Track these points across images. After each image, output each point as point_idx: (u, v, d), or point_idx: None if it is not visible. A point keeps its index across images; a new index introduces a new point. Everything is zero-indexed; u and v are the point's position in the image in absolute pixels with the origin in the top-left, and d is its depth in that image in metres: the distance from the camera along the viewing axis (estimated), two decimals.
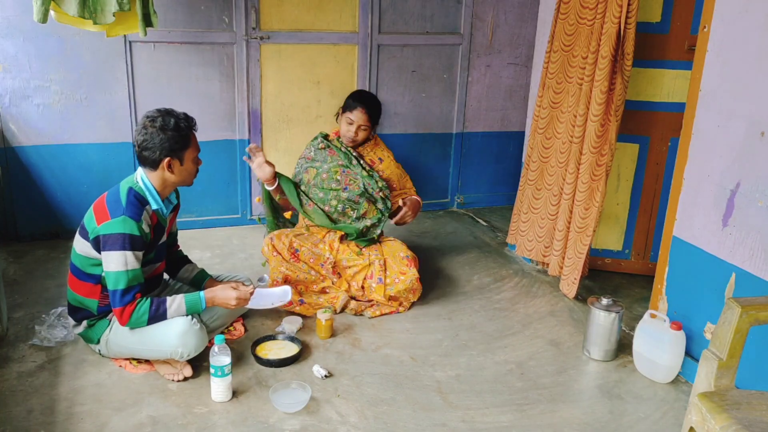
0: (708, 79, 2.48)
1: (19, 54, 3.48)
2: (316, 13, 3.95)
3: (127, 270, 2.31)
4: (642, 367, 2.66)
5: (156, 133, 2.36)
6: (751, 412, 1.69)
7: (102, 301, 2.48)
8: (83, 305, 2.50)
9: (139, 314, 2.34)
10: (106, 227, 2.32)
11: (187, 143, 2.42)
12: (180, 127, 2.39)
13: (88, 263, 2.43)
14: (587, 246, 3.12)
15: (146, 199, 2.43)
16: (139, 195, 2.41)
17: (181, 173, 2.46)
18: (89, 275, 2.44)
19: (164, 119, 2.37)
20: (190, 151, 2.45)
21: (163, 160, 2.39)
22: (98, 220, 2.35)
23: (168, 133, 2.37)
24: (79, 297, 2.49)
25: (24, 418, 2.23)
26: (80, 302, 2.50)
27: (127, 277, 2.31)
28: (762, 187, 2.27)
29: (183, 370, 2.47)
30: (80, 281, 2.47)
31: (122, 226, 2.31)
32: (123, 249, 2.30)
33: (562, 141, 3.26)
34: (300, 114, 4.11)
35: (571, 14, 3.14)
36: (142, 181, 2.44)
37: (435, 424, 2.30)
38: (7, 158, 3.60)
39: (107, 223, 2.32)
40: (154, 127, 2.36)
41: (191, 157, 2.47)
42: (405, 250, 3.14)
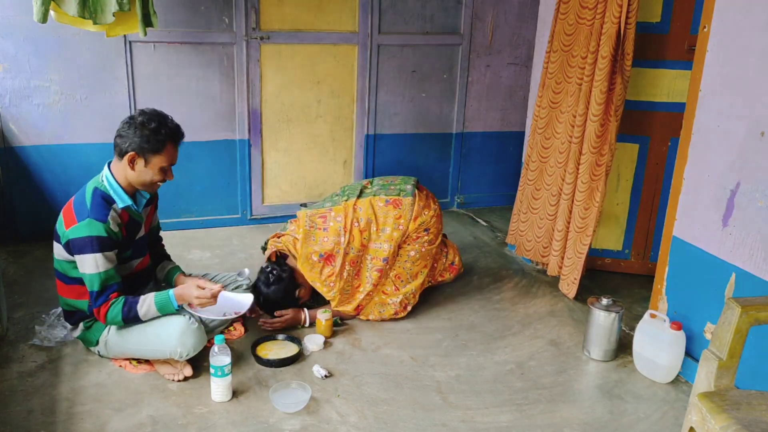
0: (708, 79, 2.48)
1: (19, 54, 3.48)
2: (316, 13, 3.95)
3: (99, 272, 2.31)
4: (642, 367, 2.66)
5: (136, 126, 2.35)
6: (751, 412, 1.69)
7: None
8: (75, 307, 2.51)
9: (113, 314, 2.35)
10: (74, 231, 2.32)
11: (158, 148, 2.37)
12: (159, 132, 2.36)
13: (68, 267, 2.44)
14: (587, 246, 3.12)
15: (112, 198, 2.41)
16: (105, 194, 2.40)
17: (141, 174, 2.40)
18: (72, 278, 2.45)
19: (149, 118, 2.37)
20: (159, 158, 2.38)
21: (128, 153, 2.36)
22: (66, 224, 2.36)
23: (144, 131, 2.35)
24: (69, 301, 2.50)
25: (24, 418, 2.23)
26: (72, 305, 2.50)
27: (101, 278, 2.32)
28: (762, 187, 2.27)
29: (183, 370, 2.47)
30: (67, 285, 2.48)
31: (88, 229, 2.30)
32: (92, 252, 2.30)
33: (561, 141, 3.26)
34: (300, 114, 4.11)
35: (571, 14, 3.14)
36: (106, 179, 2.42)
37: (435, 424, 2.30)
38: (7, 158, 3.60)
39: (74, 227, 2.32)
40: (136, 122, 2.36)
41: (159, 164, 2.40)
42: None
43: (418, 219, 2.94)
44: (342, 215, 2.91)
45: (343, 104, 4.19)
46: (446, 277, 3.28)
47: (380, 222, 2.91)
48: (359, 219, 2.91)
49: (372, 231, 2.91)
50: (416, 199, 2.96)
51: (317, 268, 2.87)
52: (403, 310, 3.00)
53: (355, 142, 4.28)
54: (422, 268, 3.02)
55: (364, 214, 2.91)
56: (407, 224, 2.93)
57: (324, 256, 2.87)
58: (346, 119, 4.22)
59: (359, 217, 2.91)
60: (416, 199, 2.96)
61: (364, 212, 2.91)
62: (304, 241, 2.88)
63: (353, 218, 2.90)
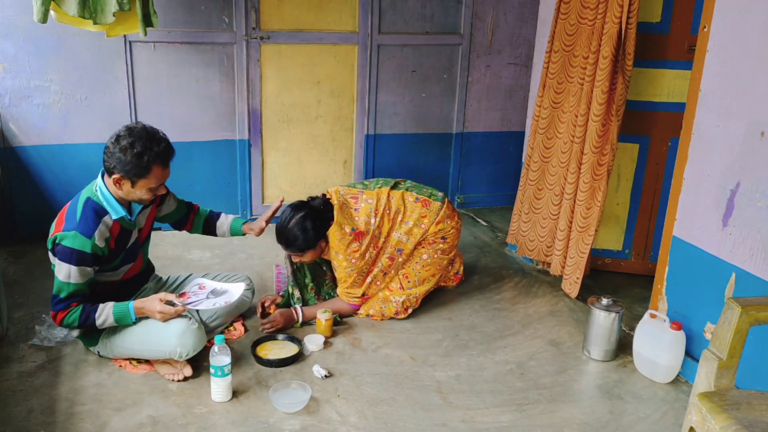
0: (708, 79, 2.48)
1: (19, 54, 3.48)
2: (316, 13, 3.95)
3: (69, 282, 2.32)
4: (642, 367, 2.66)
5: (120, 149, 2.27)
6: (751, 412, 1.69)
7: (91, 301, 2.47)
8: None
9: (69, 320, 2.37)
10: (59, 237, 2.32)
11: (142, 174, 2.30)
12: (142, 157, 2.26)
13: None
14: (589, 245, 3.12)
15: (104, 210, 2.37)
16: (96, 206, 2.36)
17: (130, 194, 2.36)
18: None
19: (133, 142, 2.26)
20: (144, 182, 2.32)
21: (114, 175, 2.31)
22: (56, 226, 2.37)
23: (128, 156, 2.26)
24: None
25: (24, 418, 2.23)
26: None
27: (69, 289, 2.33)
28: (762, 187, 2.27)
29: (183, 370, 2.47)
30: None
31: (72, 241, 2.29)
32: (69, 263, 2.30)
33: (563, 141, 3.26)
34: (300, 114, 4.11)
35: (572, 14, 3.14)
36: (99, 190, 2.38)
37: (435, 424, 2.30)
38: (7, 158, 3.60)
39: (59, 234, 2.32)
40: (120, 144, 2.27)
41: (146, 186, 2.34)
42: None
43: (440, 224, 2.98)
44: (374, 199, 2.95)
45: (343, 104, 4.19)
46: (449, 284, 3.33)
47: (407, 215, 2.96)
48: (390, 207, 2.95)
49: (397, 221, 2.95)
50: (444, 205, 3.02)
51: (347, 239, 2.86)
52: (404, 311, 3.01)
53: (355, 142, 4.28)
54: (430, 276, 3.05)
55: (395, 204, 2.96)
56: (429, 225, 2.97)
57: (356, 231, 2.88)
58: (346, 119, 4.22)
59: (390, 205, 2.95)
60: (444, 206, 3.02)
61: (396, 202, 2.96)
62: (339, 211, 2.88)
63: (386, 205, 2.94)
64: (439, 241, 3.01)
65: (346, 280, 2.94)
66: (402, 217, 2.96)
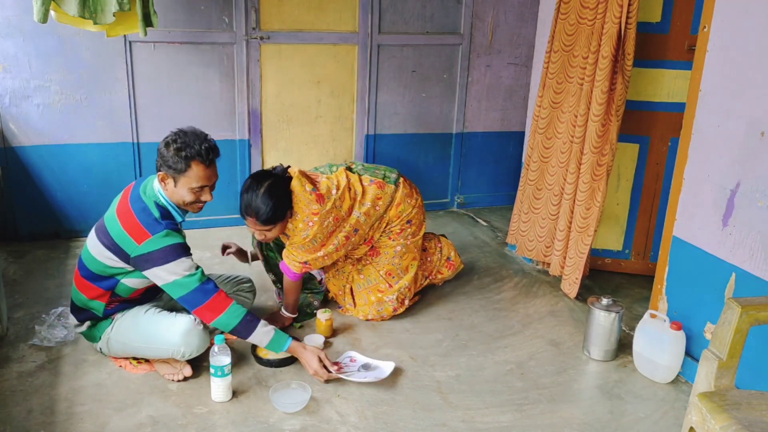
0: (708, 79, 2.48)
1: (19, 54, 3.48)
2: (316, 13, 3.95)
3: (191, 273, 2.31)
4: (642, 367, 2.66)
5: (164, 144, 2.35)
6: (751, 412, 1.69)
7: (109, 304, 2.47)
8: (88, 307, 2.49)
9: (232, 312, 2.33)
10: (150, 244, 2.30)
11: (180, 169, 2.33)
12: (180, 152, 2.32)
13: (106, 269, 2.39)
14: (588, 246, 3.12)
15: (172, 214, 2.41)
16: (165, 210, 2.40)
17: (174, 194, 2.39)
18: (104, 279, 2.41)
19: (176, 138, 2.34)
20: (185, 178, 2.35)
21: (160, 172, 2.37)
22: (137, 239, 2.31)
23: (169, 152, 2.33)
24: (86, 300, 2.47)
25: (24, 418, 2.23)
26: (85, 304, 2.48)
27: (197, 276, 2.32)
28: (762, 187, 2.27)
29: (183, 370, 2.47)
30: (90, 284, 2.44)
31: (169, 239, 2.31)
32: (179, 257, 2.31)
33: (563, 141, 3.26)
34: (300, 114, 4.11)
35: (572, 14, 3.14)
36: (161, 196, 2.41)
37: (435, 424, 2.30)
38: (7, 158, 3.60)
39: (149, 241, 2.30)
40: (166, 139, 2.36)
41: (186, 185, 2.36)
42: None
43: (401, 206, 2.91)
44: (334, 179, 2.83)
45: (343, 104, 4.19)
46: (445, 273, 3.27)
47: (365, 196, 2.84)
48: (350, 187, 2.83)
49: (357, 200, 2.83)
50: (400, 187, 2.93)
51: (307, 197, 2.68)
52: (400, 305, 3.00)
53: (355, 142, 4.28)
54: (411, 260, 3.01)
55: (354, 185, 2.85)
56: (384, 208, 2.88)
57: (316, 191, 2.71)
58: (346, 119, 4.22)
59: (351, 185, 2.84)
60: (400, 188, 2.92)
61: (355, 183, 2.86)
62: (299, 175, 2.73)
63: (346, 184, 2.81)
64: (407, 227, 2.95)
65: (295, 243, 2.75)
66: (361, 197, 2.84)
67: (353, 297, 3.04)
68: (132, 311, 2.50)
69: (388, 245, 2.97)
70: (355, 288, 3.02)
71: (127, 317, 2.48)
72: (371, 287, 2.98)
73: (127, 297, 2.48)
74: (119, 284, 2.42)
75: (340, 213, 2.78)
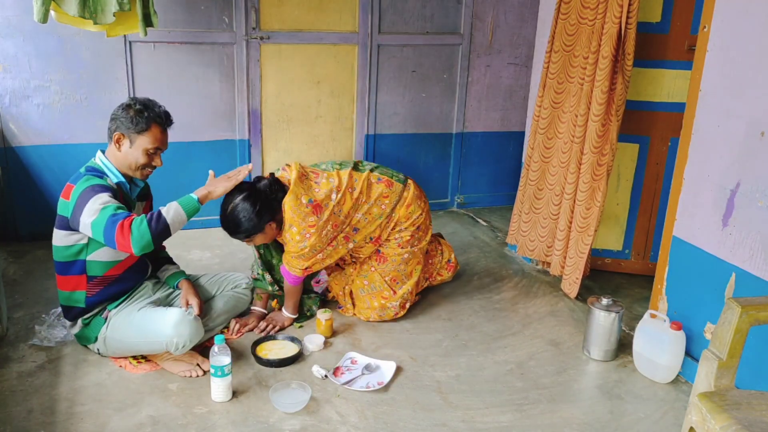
0: (708, 79, 2.48)
1: (19, 54, 3.48)
2: (316, 13, 3.95)
3: (106, 205, 2.29)
4: (642, 367, 2.66)
5: (122, 108, 2.44)
6: (751, 412, 1.69)
7: (89, 291, 2.49)
8: (72, 300, 2.51)
9: (139, 226, 2.24)
10: (75, 192, 2.35)
11: (142, 128, 2.42)
12: (142, 113, 2.42)
13: (70, 252, 2.45)
14: (588, 246, 3.12)
15: (104, 173, 2.46)
16: (97, 170, 2.46)
17: (127, 155, 2.44)
18: (72, 264, 2.46)
19: (136, 103, 2.44)
20: (143, 138, 2.42)
21: (115, 133, 2.43)
22: (66, 196, 2.39)
23: (129, 112, 2.42)
24: (67, 294, 2.50)
25: (24, 418, 2.23)
26: (69, 299, 2.51)
27: (112, 206, 2.28)
28: (762, 187, 2.27)
29: (202, 365, 2.50)
30: (65, 276, 2.49)
31: (87, 182, 2.37)
32: (95, 194, 2.31)
33: (563, 141, 3.26)
34: (300, 114, 4.11)
35: (572, 14, 3.14)
36: (99, 159, 2.50)
37: (435, 424, 2.30)
38: (7, 158, 3.60)
39: (74, 190, 2.36)
40: (123, 105, 2.45)
41: (143, 145, 2.43)
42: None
43: (411, 207, 2.88)
44: (336, 178, 2.78)
45: (343, 104, 4.19)
46: (444, 276, 3.27)
47: (370, 195, 2.82)
48: (354, 187, 2.79)
49: (360, 202, 2.80)
50: (410, 188, 2.91)
51: (303, 211, 2.64)
52: (402, 309, 3.00)
53: (355, 142, 4.28)
54: (416, 265, 3.02)
55: (358, 185, 2.80)
56: (391, 207, 2.85)
57: (313, 203, 2.66)
58: (346, 119, 4.22)
59: (354, 185, 2.80)
60: (410, 188, 2.91)
61: (359, 183, 2.80)
62: (296, 181, 2.70)
63: (348, 184, 2.77)
64: (417, 234, 2.94)
65: (293, 252, 2.72)
66: (365, 198, 2.80)
67: (353, 299, 3.04)
68: (126, 309, 2.51)
69: (396, 253, 2.93)
70: (355, 292, 3.01)
71: (122, 315, 2.49)
72: (375, 293, 2.97)
73: (103, 275, 2.48)
74: (87, 263, 2.45)
75: (339, 218, 2.74)
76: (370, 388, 2.47)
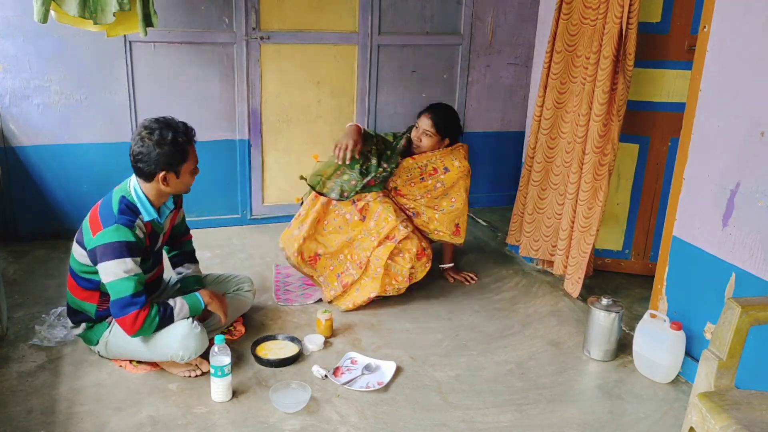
0: (708, 79, 2.48)
1: (19, 54, 3.48)
2: (316, 13, 3.95)
3: (129, 276, 2.27)
4: (642, 367, 2.66)
5: (153, 146, 2.29)
6: (751, 412, 1.69)
7: (100, 305, 2.47)
8: (82, 309, 2.50)
9: (151, 323, 2.31)
10: (100, 237, 2.29)
11: (184, 158, 2.36)
12: (177, 142, 2.32)
13: (85, 270, 2.42)
14: (591, 245, 3.12)
15: (138, 209, 2.39)
16: (131, 204, 2.38)
17: (177, 185, 2.42)
18: (87, 280, 2.44)
19: (162, 133, 2.30)
20: (187, 165, 2.39)
21: (158, 174, 2.34)
22: (93, 230, 2.33)
23: (165, 148, 2.30)
24: (77, 301, 2.49)
25: (24, 418, 2.23)
26: (79, 306, 2.50)
27: (135, 281, 2.28)
28: (762, 187, 2.27)
29: (201, 366, 2.50)
30: (78, 286, 2.46)
31: (116, 234, 2.28)
32: (122, 257, 2.27)
33: (567, 141, 3.26)
34: (300, 114, 4.11)
35: (575, 14, 3.14)
36: (134, 191, 2.40)
37: (435, 424, 2.30)
38: (7, 158, 3.60)
39: (100, 234, 2.29)
40: (151, 141, 2.30)
41: (188, 170, 2.41)
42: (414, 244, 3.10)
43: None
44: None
45: (343, 104, 4.19)
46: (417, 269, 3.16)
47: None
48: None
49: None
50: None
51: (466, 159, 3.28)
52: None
53: None
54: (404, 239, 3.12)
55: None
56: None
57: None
58: (346, 119, 4.22)
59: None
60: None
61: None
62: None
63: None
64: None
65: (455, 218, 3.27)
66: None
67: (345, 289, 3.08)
68: None
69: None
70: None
71: None
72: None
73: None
74: (101, 283, 2.40)
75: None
76: (370, 388, 2.47)
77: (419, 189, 3.25)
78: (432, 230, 3.27)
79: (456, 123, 3.27)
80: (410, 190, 3.25)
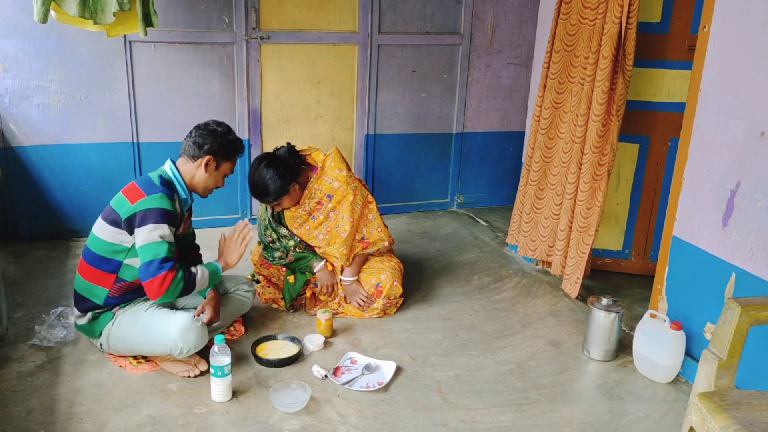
0: (708, 79, 2.48)
1: (19, 54, 3.48)
2: (316, 13, 3.95)
3: (164, 241, 2.36)
4: (642, 367, 2.66)
5: (219, 132, 2.53)
6: (751, 412, 1.69)
7: (112, 291, 2.48)
8: (91, 294, 2.49)
9: (177, 285, 2.38)
10: (143, 203, 2.38)
11: (231, 156, 2.58)
12: (235, 143, 2.58)
13: (111, 249, 2.44)
14: (589, 245, 3.12)
15: (174, 187, 2.51)
16: (168, 181, 2.51)
17: (208, 178, 2.56)
18: (107, 261, 2.44)
19: (230, 130, 2.59)
20: (227, 165, 2.59)
21: (205, 156, 2.51)
22: (132, 199, 2.40)
23: (225, 139, 2.54)
24: (89, 284, 2.48)
25: (24, 418, 2.23)
26: (89, 291, 2.49)
27: (167, 246, 2.37)
28: (762, 187, 2.27)
29: (198, 366, 2.49)
30: (94, 268, 2.46)
31: (159, 201, 2.39)
32: (162, 222, 2.37)
33: (565, 141, 3.26)
34: (300, 114, 4.11)
35: (573, 14, 3.14)
36: (171, 170, 2.54)
37: (435, 424, 2.30)
38: (7, 158, 3.60)
39: (143, 200, 2.38)
40: (221, 127, 2.55)
41: (225, 171, 2.60)
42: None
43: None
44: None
45: (343, 104, 4.19)
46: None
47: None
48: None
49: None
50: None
51: (340, 168, 2.95)
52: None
53: (355, 142, 4.28)
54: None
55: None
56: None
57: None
58: (346, 119, 4.22)
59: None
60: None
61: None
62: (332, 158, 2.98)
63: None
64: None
65: (345, 232, 2.94)
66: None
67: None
68: (134, 308, 2.50)
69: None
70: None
71: (128, 313, 2.49)
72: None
73: (131, 281, 2.48)
74: (122, 266, 2.44)
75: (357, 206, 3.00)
76: (370, 388, 2.47)
77: (313, 227, 2.98)
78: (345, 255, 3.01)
79: (278, 175, 2.79)
80: (308, 231, 3.00)
